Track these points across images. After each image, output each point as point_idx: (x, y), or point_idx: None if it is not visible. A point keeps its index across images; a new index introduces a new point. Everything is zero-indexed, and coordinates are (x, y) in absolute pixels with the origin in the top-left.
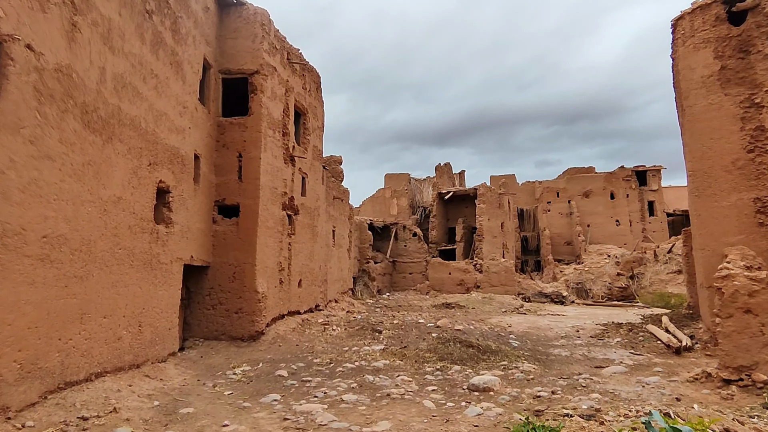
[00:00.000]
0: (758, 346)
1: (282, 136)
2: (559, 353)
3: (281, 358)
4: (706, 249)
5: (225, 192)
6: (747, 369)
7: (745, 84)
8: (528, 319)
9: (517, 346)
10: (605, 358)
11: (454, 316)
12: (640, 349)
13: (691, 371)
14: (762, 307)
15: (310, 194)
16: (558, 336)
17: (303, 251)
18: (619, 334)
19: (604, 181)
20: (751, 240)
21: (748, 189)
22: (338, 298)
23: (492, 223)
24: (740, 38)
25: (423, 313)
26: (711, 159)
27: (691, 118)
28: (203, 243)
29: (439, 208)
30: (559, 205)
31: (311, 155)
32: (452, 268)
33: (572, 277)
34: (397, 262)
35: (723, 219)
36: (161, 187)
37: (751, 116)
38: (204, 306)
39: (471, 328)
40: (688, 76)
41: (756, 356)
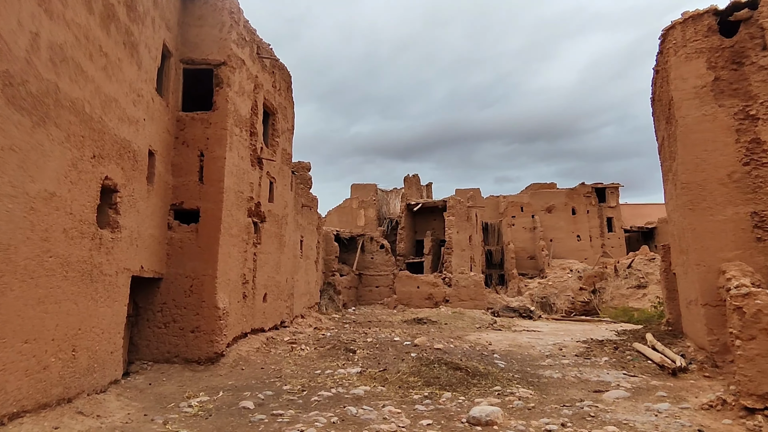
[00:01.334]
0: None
1: (249, 135)
2: (550, 375)
3: (245, 385)
4: (702, 265)
5: (183, 195)
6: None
7: (739, 96)
8: (506, 336)
9: (504, 367)
10: (600, 381)
11: (429, 333)
12: (631, 369)
13: (699, 396)
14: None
15: (278, 201)
16: (542, 355)
17: (269, 262)
18: (605, 352)
19: (566, 197)
20: (748, 256)
21: (744, 203)
22: (305, 314)
23: (461, 236)
24: (733, 49)
25: (395, 329)
26: (705, 171)
27: (684, 129)
28: (156, 252)
29: (408, 220)
30: (523, 219)
31: (280, 159)
32: (420, 281)
33: (536, 291)
34: (363, 275)
35: (719, 234)
36: (107, 185)
37: (746, 128)
38: (155, 324)
39: (451, 346)
40: (680, 87)
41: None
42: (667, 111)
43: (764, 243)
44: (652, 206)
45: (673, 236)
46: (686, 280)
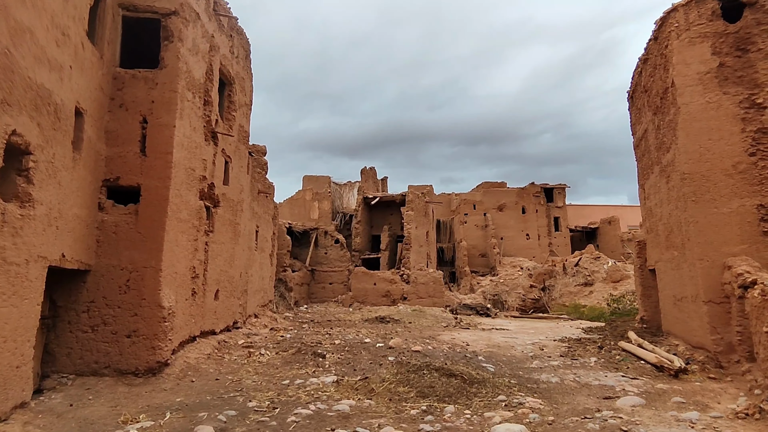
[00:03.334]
0: None
1: (203, 104)
2: (547, 379)
3: (199, 402)
4: (705, 260)
5: (120, 168)
6: None
7: (744, 83)
8: (478, 335)
9: (496, 372)
10: (603, 385)
11: (398, 333)
12: (626, 371)
13: (721, 401)
14: None
15: (233, 183)
16: (526, 356)
17: (222, 254)
18: (589, 352)
19: (517, 196)
20: (754, 250)
21: (750, 195)
22: (258, 313)
23: (419, 231)
24: (738, 35)
25: (360, 329)
26: (710, 161)
27: (687, 116)
28: (83, 237)
29: (364, 214)
30: (476, 217)
31: (237, 136)
32: (377, 278)
33: (489, 289)
34: (316, 270)
35: (723, 227)
36: (15, 142)
37: (752, 117)
38: (79, 327)
39: (430, 348)
40: (683, 72)
41: None
42: (658, 101)
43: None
44: (593, 207)
45: (655, 232)
46: (678, 276)
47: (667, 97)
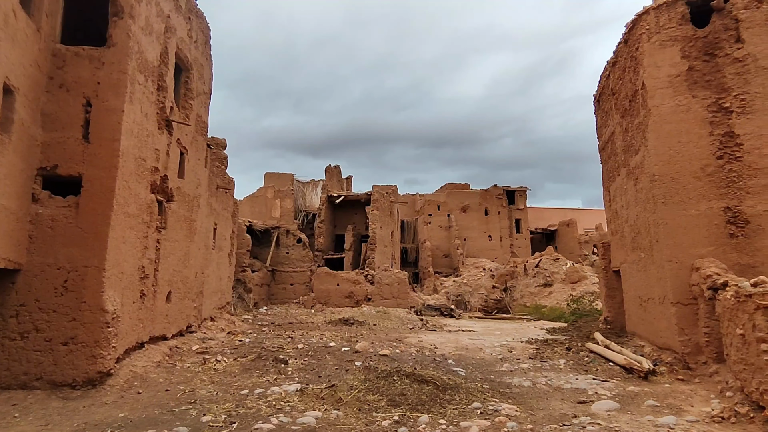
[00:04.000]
0: None
1: (157, 90)
2: (519, 383)
3: (146, 418)
4: (674, 261)
5: (58, 156)
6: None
7: (713, 87)
8: (446, 337)
9: (467, 376)
10: (575, 388)
11: (363, 335)
12: (596, 373)
13: (694, 404)
14: None
15: (189, 177)
16: (496, 358)
17: (176, 252)
18: (557, 353)
19: (480, 198)
20: (721, 252)
21: (718, 198)
22: (215, 315)
23: (384, 231)
24: (706, 40)
25: (323, 332)
26: (679, 164)
27: (657, 118)
28: (12, 232)
29: (328, 213)
30: (440, 218)
31: (194, 126)
32: (341, 279)
33: (452, 290)
34: (277, 271)
35: (692, 229)
36: None
37: (719, 121)
38: (6, 334)
39: (398, 352)
40: (654, 74)
41: None
42: (627, 103)
43: (737, 239)
44: (552, 210)
45: (620, 234)
46: (645, 278)
47: (636, 99)
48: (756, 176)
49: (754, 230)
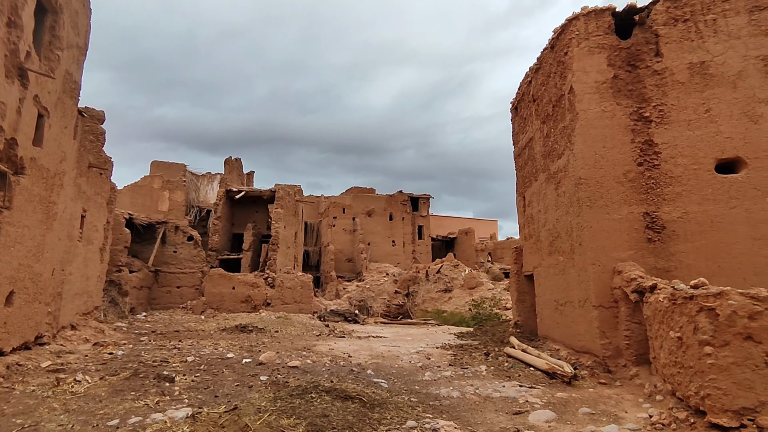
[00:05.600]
0: (764, 382)
1: (7, 25)
2: (447, 394)
3: None
4: (597, 264)
5: None
6: (751, 412)
7: (634, 97)
8: (357, 344)
9: (391, 388)
10: (505, 397)
11: (266, 344)
12: (519, 379)
13: (627, 410)
14: (767, 332)
15: (50, 147)
16: (416, 366)
17: (24, 241)
18: (476, 359)
19: (385, 203)
20: (639, 256)
21: (638, 203)
22: (78, 323)
23: (288, 231)
24: (629, 51)
25: (218, 341)
26: (604, 168)
27: (584, 122)
28: None
29: (225, 210)
30: (344, 221)
31: (61, 84)
32: (237, 281)
33: (355, 294)
34: (162, 272)
35: (614, 233)
36: None
37: (640, 129)
38: None
39: (309, 362)
40: (582, 79)
41: (762, 395)
42: (550, 108)
43: (654, 244)
44: (452, 219)
45: (535, 238)
46: (563, 281)
47: (561, 104)
48: (671, 184)
49: (669, 235)
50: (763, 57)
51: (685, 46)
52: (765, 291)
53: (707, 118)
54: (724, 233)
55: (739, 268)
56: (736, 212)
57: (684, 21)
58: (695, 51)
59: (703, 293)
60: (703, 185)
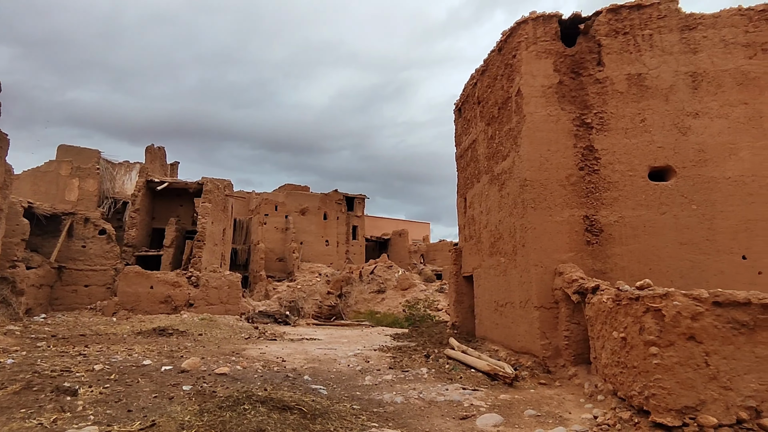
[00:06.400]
0: (704, 381)
1: None
2: (391, 399)
3: None
4: (540, 265)
5: None
6: (692, 410)
7: (577, 103)
8: (292, 347)
9: (331, 395)
10: (450, 401)
11: (190, 349)
12: (460, 381)
13: (572, 411)
14: (707, 333)
15: None
16: (355, 370)
17: None
18: (416, 362)
19: (320, 202)
20: (579, 258)
21: (579, 206)
22: None
23: (216, 227)
24: (574, 58)
25: (132, 346)
26: (548, 171)
27: (531, 125)
28: None
29: (145, 202)
30: (277, 219)
31: None
32: (156, 280)
33: (285, 295)
34: (67, 269)
35: (556, 235)
36: None
37: (582, 135)
38: None
39: (239, 369)
40: (530, 82)
41: (702, 393)
42: (496, 111)
43: (592, 246)
44: (386, 220)
45: (476, 239)
46: (504, 282)
47: (508, 106)
48: (609, 189)
49: (606, 238)
50: (692, 73)
51: (624, 57)
52: (706, 293)
53: (642, 127)
54: (654, 237)
55: (666, 270)
56: (666, 218)
57: (624, 34)
58: (633, 63)
59: (650, 294)
60: (638, 191)
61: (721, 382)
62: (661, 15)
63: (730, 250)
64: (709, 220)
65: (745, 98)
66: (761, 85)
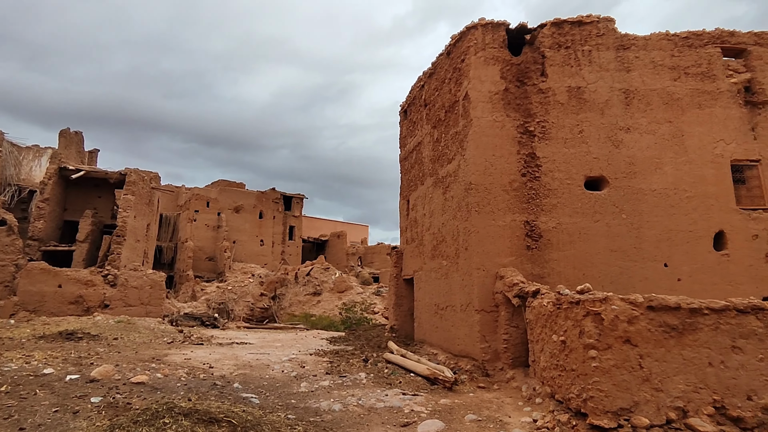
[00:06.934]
0: (638, 383)
1: None
2: (329, 407)
3: None
4: (482, 269)
5: None
6: (626, 412)
7: (521, 111)
8: (220, 352)
9: (263, 404)
10: (390, 407)
11: (101, 355)
12: (400, 386)
13: (511, 415)
14: (642, 336)
15: None
16: (289, 377)
17: None
18: (354, 366)
19: (256, 200)
20: (519, 263)
21: (520, 211)
22: None
23: (139, 222)
24: (519, 67)
25: (31, 352)
26: (492, 175)
27: (478, 130)
28: None
29: (57, 191)
30: (208, 216)
31: None
32: (66, 278)
33: (214, 296)
34: None
35: (498, 239)
36: None
37: (525, 142)
38: None
39: (160, 377)
40: (478, 87)
41: (636, 395)
42: (443, 114)
43: (532, 251)
44: (324, 221)
45: (418, 241)
46: (446, 285)
47: (455, 110)
48: (548, 195)
49: (545, 244)
50: (625, 90)
51: (566, 70)
52: (641, 297)
53: (580, 138)
54: (588, 244)
55: (598, 276)
56: (599, 226)
57: (566, 48)
58: (574, 76)
59: (590, 298)
60: (574, 199)
61: (653, 384)
62: (600, 33)
63: (654, 257)
64: (637, 229)
65: (669, 117)
66: (683, 105)
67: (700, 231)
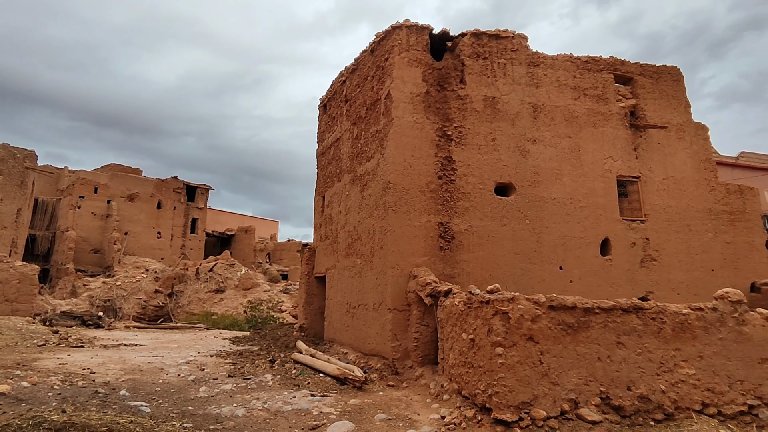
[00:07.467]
0: (538, 377)
1: None
2: (231, 413)
3: None
4: (396, 268)
5: None
6: (527, 405)
7: (440, 115)
8: (104, 355)
9: (155, 413)
10: (298, 410)
11: None
12: (308, 386)
13: (420, 413)
14: (543, 334)
15: None
16: (187, 381)
17: None
18: (260, 368)
19: (154, 188)
20: (432, 262)
21: (435, 213)
22: None
23: (6, 206)
24: (440, 72)
25: None
26: (411, 176)
27: (398, 129)
28: None
29: None
30: (96, 203)
31: None
32: None
33: (99, 293)
34: None
35: (413, 239)
36: None
37: (443, 145)
38: None
39: (26, 386)
40: (400, 87)
41: (536, 389)
42: (363, 111)
43: (445, 252)
44: (231, 215)
45: (332, 239)
46: (359, 284)
47: (377, 108)
48: (462, 198)
49: (457, 245)
50: (533, 104)
51: (483, 80)
52: (544, 297)
53: (493, 145)
54: (496, 247)
55: (503, 277)
56: (506, 230)
57: (484, 58)
58: (489, 86)
59: (499, 298)
60: (485, 203)
61: (551, 378)
62: (514, 48)
63: (551, 261)
64: (538, 234)
65: (569, 132)
66: (581, 123)
67: (589, 238)
